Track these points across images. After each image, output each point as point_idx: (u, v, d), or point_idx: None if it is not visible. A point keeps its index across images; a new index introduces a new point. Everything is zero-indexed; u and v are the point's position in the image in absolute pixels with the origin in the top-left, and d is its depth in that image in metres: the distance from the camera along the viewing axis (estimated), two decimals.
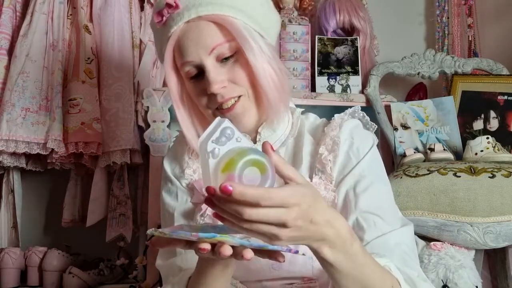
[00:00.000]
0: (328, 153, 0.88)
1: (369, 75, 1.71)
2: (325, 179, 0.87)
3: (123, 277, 1.68)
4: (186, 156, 0.94)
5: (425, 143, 1.62)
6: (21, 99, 1.54)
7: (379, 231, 0.80)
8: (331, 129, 0.90)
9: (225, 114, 0.83)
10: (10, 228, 1.73)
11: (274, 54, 0.85)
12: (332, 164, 0.87)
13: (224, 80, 0.81)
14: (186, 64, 0.82)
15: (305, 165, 0.89)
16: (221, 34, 0.81)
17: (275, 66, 0.83)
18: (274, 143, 0.90)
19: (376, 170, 0.88)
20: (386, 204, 0.86)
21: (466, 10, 1.91)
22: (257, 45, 0.81)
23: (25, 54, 1.58)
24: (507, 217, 1.33)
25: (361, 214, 0.82)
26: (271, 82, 0.82)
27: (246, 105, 0.84)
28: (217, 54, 0.81)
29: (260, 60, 0.81)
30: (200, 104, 0.86)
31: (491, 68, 1.70)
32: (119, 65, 1.63)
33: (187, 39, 0.81)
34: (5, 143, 1.50)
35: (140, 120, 1.64)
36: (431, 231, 1.39)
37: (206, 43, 0.80)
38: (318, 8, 1.82)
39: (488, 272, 1.58)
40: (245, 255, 0.58)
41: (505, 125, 1.59)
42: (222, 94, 0.81)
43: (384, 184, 0.88)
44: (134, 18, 1.71)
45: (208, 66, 0.80)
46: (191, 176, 0.93)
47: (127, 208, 1.67)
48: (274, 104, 0.82)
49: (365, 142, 0.89)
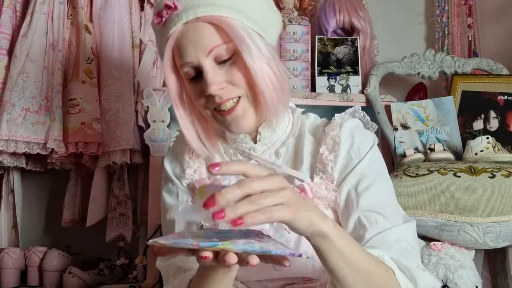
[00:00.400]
0: (328, 153, 0.88)
1: (369, 75, 1.71)
2: (326, 179, 0.87)
3: (123, 277, 1.68)
4: (187, 155, 0.94)
5: (425, 143, 1.62)
6: (21, 99, 1.54)
7: (380, 228, 0.81)
8: (331, 129, 0.90)
9: (225, 116, 0.83)
10: (10, 228, 1.73)
11: (273, 54, 0.85)
12: (333, 164, 0.87)
13: (222, 81, 0.81)
14: (185, 65, 0.83)
15: (305, 165, 0.89)
16: (219, 35, 0.80)
17: (274, 67, 0.83)
18: (275, 143, 0.91)
19: (377, 168, 0.88)
20: (388, 202, 0.86)
21: (466, 10, 1.91)
22: (256, 46, 0.80)
23: (25, 54, 1.58)
24: (507, 217, 1.33)
25: (363, 213, 0.83)
26: (269, 83, 0.81)
27: (245, 107, 0.84)
28: (215, 56, 0.81)
29: (258, 62, 0.80)
30: (199, 105, 0.86)
31: (491, 68, 1.70)
32: (119, 65, 1.63)
33: (186, 40, 0.81)
34: (5, 143, 1.50)
35: (140, 120, 1.64)
36: (431, 231, 1.39)
37: (204, 44, 0.80)
38: (318, 8, 1.82)
39: (488, 272, 1.58)
40: (251, 261, 0.58)
41: (505, 125, 1.59)
42: (220, 95, 0.81)
43: (385, 182, 0.89)
44: (134, 18, 1.71)
45: (206, 68, 0.80)
46: (192, 176, 0.93)
47: (127, 208, 1.67)
48: (272, 105, 0.82)
49: (366, 142, 0.90)
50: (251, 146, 0.91)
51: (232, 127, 0.85)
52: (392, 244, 0.79)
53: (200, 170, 0.93)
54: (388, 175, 0.91)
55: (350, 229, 0.83)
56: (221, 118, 0.84)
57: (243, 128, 0.85)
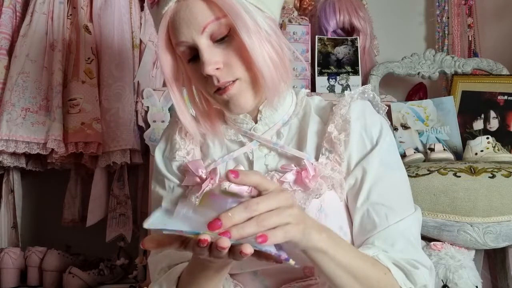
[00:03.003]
0: (338, 132, 0.83)
1: (369, 75, 1.71)
2: (333, 159, 0.82)
3: (123, 277, 1.68)
4: (177, 136, 0.90)
5: (425, 143, 1.62)
6: (21, 99, 1.54)
7: (389, 223, 0.78)
8: (340, 108, 0.85)
9: (222, 96, 0.79)
10: (10, 228, 1.73)
11: (275, 29, 0.79)
12: (344, 144, 0.82)
13: (218, 61, 0.76)
14: (180, 44, 0.79)
15: (311, 146, 0.85)
16: (211, 11, 0.75)
17: (275, 43, 0.78)
18: (277, 123, 0.87)
19: (389, 156, 0.84)
20: (400, 193, 0.82)
21: (466, 10, 1.92)
22: (253, 21, 0.75)
23: (25, 54, 1.58)
24: (507, 217, 1.33)
25: (372, 206, 0.79)
26: (269, 60, 0.76)
27: (242, 87, 0.79)
28: (210, 33, 0.76)
29: (256, 38, 0.75)
30: (202, 89, 0.83)
31: (491, 68, 1.70)
32: (119, 65, 1.63)
33: (179, 18, 0.77)
34: (5, 143, 1.50)
35: (140, 120, 1.64)
36: (431, 231, 1.39)
37: (197, 22, 0.75)
38: (318, 8, 1.82)
39: (488, 272, 1.58)
40: (244, 250, 0.56)
41: (505, 125, 1.59)
42: (217, 77, 0.77)
43: (399, 170, 0.84)
44: (134, 18, 1.71)
45: (201, 46, 0.76)
46: (183, 157, 0.89)
47: (127, 208, 1.67)
48: (272, 84, 0.78)
49: (377, 126, 0.85)
50: (251, 126, 0.87)
51: (231, 106, 0.80)
52: (395, 240, 0.77)
53: (194, 152, 0.89)
54: (400, 160, 0.86)
55: (358, 221, 0.80)
56: (219, 97, 0.80)
57: (242, 107, 0.81)
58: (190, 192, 0.87)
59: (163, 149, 0.93)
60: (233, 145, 0.89)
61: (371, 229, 0.79)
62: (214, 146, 0.90)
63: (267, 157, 0.86)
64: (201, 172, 0.85)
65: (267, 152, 0.86)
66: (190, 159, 0.88)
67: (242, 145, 0.88)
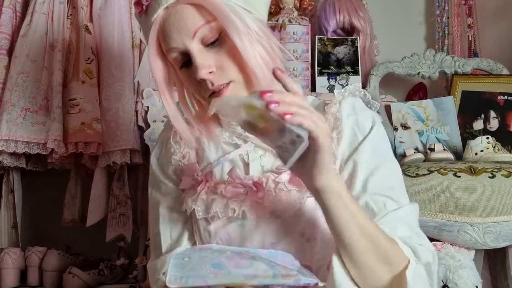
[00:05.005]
0: (330, 131, 0.83)
1: (369, 75, 1.71)
2: None
3: (123, 277, 1.68)
4: (172, 140, 0.91)
5: (425, 143, 1.62)
6: (21, 99, 1.54)
7: (388, 210, 0.78)
8: (330, 107, 0.87)
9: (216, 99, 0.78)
10: (10, 228, 1.73)
11: (264, 30, 0.80)
12: (336, 142, 0.83)
13: (211, 65, 0.77)
14: (171, 51, 0.79)
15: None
16: (201, 15, 0.76)
17: (266, 43, 0.79)
18: None
19: (383, 148, 0.85)
20: (396, 183, 0.83)
21: (466, 10, 1.92)
22: (243, 24, 0.76)
23: (25, 54, 1.58)
24: (507, 217, 1.33)
25: (371, 196, 0.79)
26: (261, 61, 0.77)
27: (236, 89, 0.79)
28: (201, 38, 0.77)
29: (247, 39, 0.76)
30: (196, 93, 0.83)
31: (491, 68, 1.70)
32: (119, 65, 1.63)
33: (169, 25, 0.77)
34: (5, 143, 1.50)
35: (140, 120, 1.64)
36: (431, 231, 1.39)
37: (188, 27, 0.76)
38: (318, 8, 1.82)
39: (488, 272, 1.58)
40: None
41: (505, 125, 1.59)
42: (211, 81, 0.78)
43: (392, 162, 0.85)
44: (134, 18, 1.71)
45: (192, 51, 0.77)
46: (179, 161, 0.90)
47: (127, 208, 1.67)
48: (266, 84, 0.78)
49: (369, 120, 0.86)
50: None
51: None
52: (396, 225, 0.77)
53: (189, 156, 0.90)
54: (392, 153, 0.87)
55: None
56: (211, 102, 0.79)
57: None
58: (186, 195, 0.87)
59: (158, 153, 0.94)
60: (228, 147, 0.89)
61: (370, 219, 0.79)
62: (209, 149, 0.90)
63: (263, 158, 0.86)
64: (196, 175, 0.86)
65: (262, 153, 0.86)
66: (186, 163, 0.89)
67: (237, 147, 0.88)
